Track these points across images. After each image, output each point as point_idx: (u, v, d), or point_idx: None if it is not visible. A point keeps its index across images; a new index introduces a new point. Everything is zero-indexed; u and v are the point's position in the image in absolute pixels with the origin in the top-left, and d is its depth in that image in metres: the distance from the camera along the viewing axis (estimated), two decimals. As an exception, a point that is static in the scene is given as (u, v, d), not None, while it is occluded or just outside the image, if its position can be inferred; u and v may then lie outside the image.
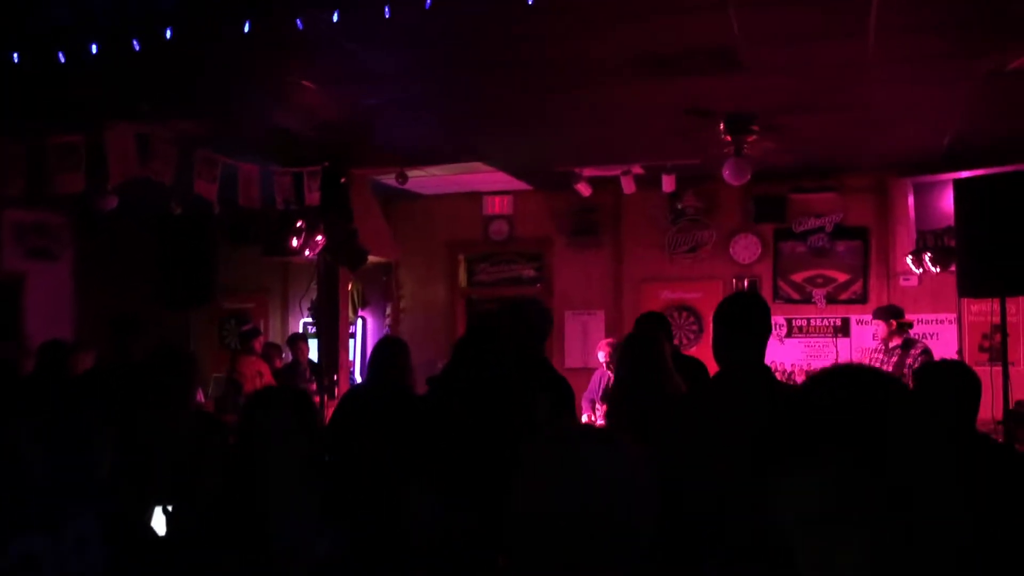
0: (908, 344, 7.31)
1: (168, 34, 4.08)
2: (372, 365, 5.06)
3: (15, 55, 4.54)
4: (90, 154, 5.86)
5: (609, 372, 7.81)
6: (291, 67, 5.33)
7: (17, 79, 4.98)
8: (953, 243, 6.82)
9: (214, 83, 5.69)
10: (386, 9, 3.88)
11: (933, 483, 1.18)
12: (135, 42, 4.13)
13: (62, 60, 4.56)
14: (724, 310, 3.21)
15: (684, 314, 9.56)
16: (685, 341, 9.28)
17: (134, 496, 3.27)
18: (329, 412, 8.30)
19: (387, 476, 4.13)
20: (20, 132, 5.79)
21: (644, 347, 4.57)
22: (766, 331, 3.15)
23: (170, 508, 3.77)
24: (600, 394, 7.88)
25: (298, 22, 3.97)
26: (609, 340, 8.08)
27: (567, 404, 4.62)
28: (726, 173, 7.13)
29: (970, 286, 5.73)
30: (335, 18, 3.94)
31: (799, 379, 9.17)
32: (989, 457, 2.86)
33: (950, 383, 3.07)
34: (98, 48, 4.31)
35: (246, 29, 3.96)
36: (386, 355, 5.09)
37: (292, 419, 2.53)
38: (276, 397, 2.77)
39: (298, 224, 7.54)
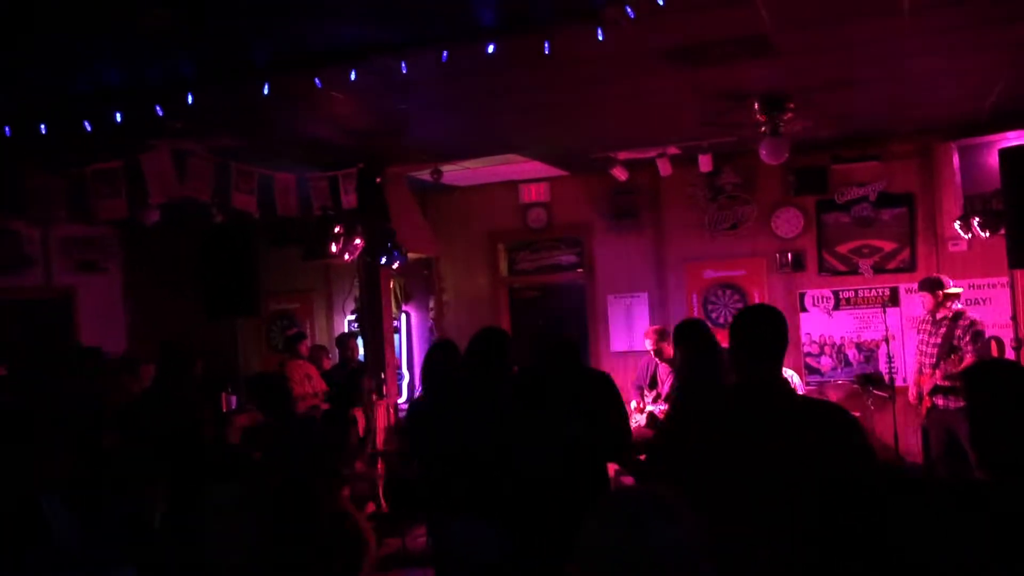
0: (957, 316, 7.18)
1: (189, 98, 4.12)
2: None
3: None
4: (129, 178, 5.93)
5: (656, 359, 7.78)
6: (325, 80, 5.34)
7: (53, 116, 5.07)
8: (1001, 206, 6.68)
9: (249, 101, 5.71)
10: (402, 65, 3.89)
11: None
12: (158, 108, 4.18)
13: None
14: (736, 325, 3.15)
15: (728, 292, 9.47)
16: (730, 319, 9.19)
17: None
18: (381, 412, 8.43)
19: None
20: (59, 163, 5.89)
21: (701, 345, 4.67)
22: (782, 344, 3.08)
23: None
24: (648, 380, 7.87)
25: (316, 81, 4.00)
26: (655, 328, 8.05)
27: (612, 402, 4.65)
28: (763, 153, 7.02)
29: (1020, 256, 5.63)
30: (352, 76, 3.97)
31: (849, 351, 9.06)
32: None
33: (1003, 387, 2.97)
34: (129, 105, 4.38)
35: (265, 91, 4.00)
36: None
37: None
38: None
39: (336, 229, 7.57)
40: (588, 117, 7.07)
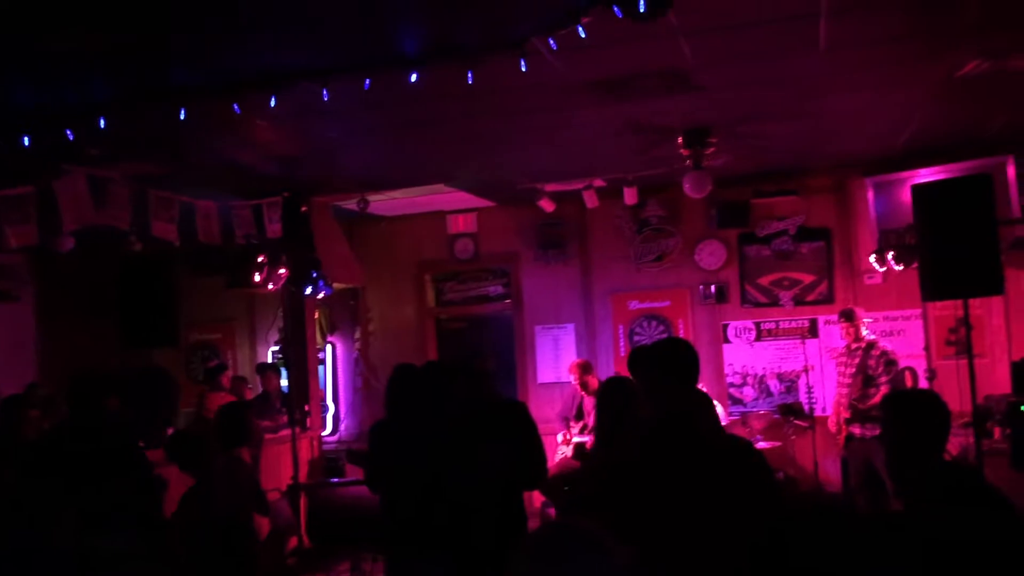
0: (869, 346, 7.37)
1: (102, 123, 4.01)
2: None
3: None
4: (41, 204, 5.73)
5: (582, 392, 7.80)
6: (245, 106, 5.25)
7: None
8: (914, 241, 6.89)
9: (166, 126, 5.59)
10: (324, 92, 3.85)
11: None
12: (68, 132, 4.06)
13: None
14: (653, 356, 3.14)
15: (654, 323, 9.56)
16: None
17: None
18: (304, 444, 8.25)
19: None
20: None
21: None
22: (696, 374, 3.06)
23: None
24: (574, 412, 7.88)
25: (235, 107, 3.93)
26: (578, 361, 8.10)
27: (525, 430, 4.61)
28: (687, 186, 7.14)
29: (933, 290, 5.78)
30: (272, 103, 3.92)
31: (771, 382, 9.21)
32: (960, 490, 2.85)
33: (919, 416, 3.04)
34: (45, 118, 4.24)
35: (182, 116, 3.92)
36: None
37: None
38: None
39: (260, 258, 7.45)
40: (514, 148, 7.11)
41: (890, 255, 8.32)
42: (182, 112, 4.09)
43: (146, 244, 7.70)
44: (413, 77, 4.07)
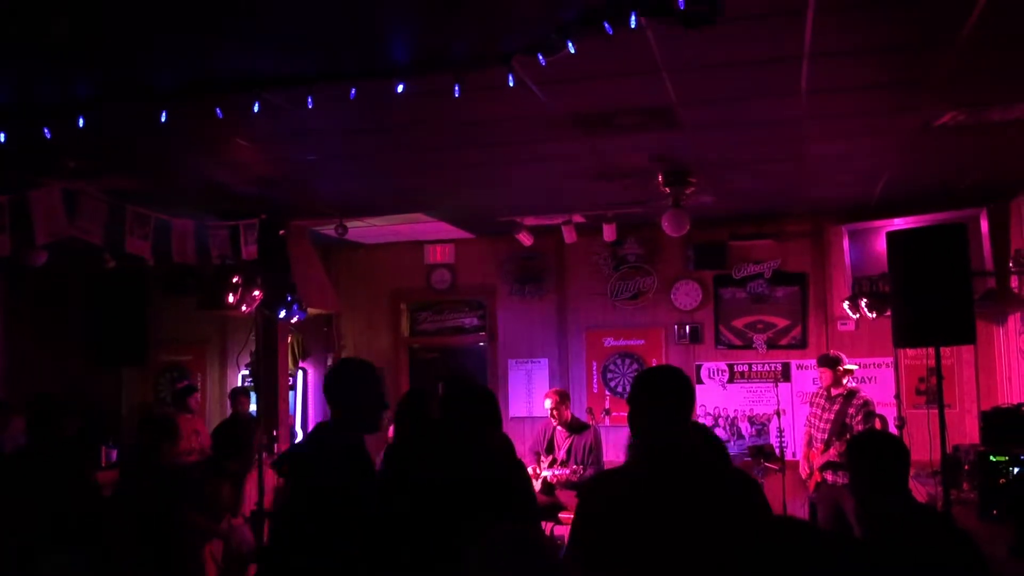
0: (851, 394, 7.38)
1: (81, 122, 3.98)
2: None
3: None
4: (15, 214, 5.66)
5: (555, 423, 7.75)
6: (225, 126, 5.23)
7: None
8: (888, 289, 6.95)
9: (144, 141, 5.56)
10: (309, 100, 3.84)
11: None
12: (46, 130, 4.02)
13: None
14: (644, 378, 3.01)
15: (627, 361, 9.56)
16: (628, 388, 9.26)
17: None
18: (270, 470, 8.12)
19: None
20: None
21: None
22: (691, 404, 2.96)
23: None
24: (544, 446, 7.82)
25: (217, 111, 3.91)
26: (557, 389, 8.04)
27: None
28: (665, 224, 7.17)
29: (904, 337, 5.81)
30: (256, 108, 3.89)
31: (742, 424, 9.22)
32: (924, 529, 2.86)
33: (880, 456, 3.13)
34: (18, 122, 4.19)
35: (163, 119, 3.89)
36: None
37: None
38: None
39: (234, 280, 7.37)
40: (494, 180, 7.12)
41: (863, 302, 8.38)
42: (163, 115, 4.03)
43: (119, 261, 7.61)
44: (399, 88, 4.04)
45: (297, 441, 9.47)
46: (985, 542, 3.27)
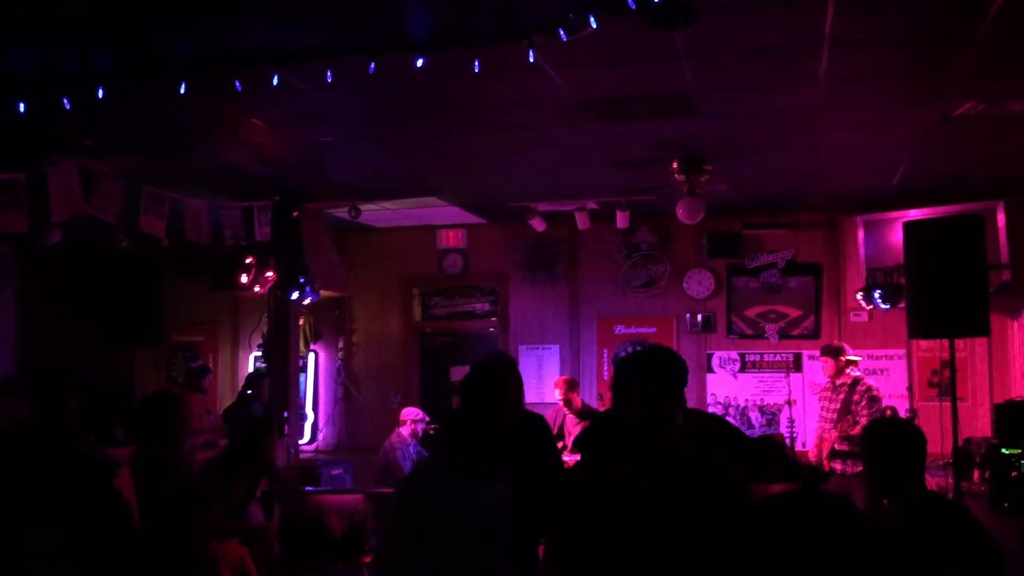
0: (855, 383, 7.35)
1: (100, 93, 3.98)
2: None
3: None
4: (31, 192, 5.69)
5: (565, 410, 7.77)
6: (240, 106, 5.24)
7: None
8: (902, 280, 6.92)
9: (160, 118, 5.57)
10: (328, 73, 3.83)
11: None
12: (66, 100, 4.02)
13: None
14: (620, 362, 2.84)
15: (638, 349, 9.53)
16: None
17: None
18: (280, 452, 8.15)
19: None
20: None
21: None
22: (679, 384, 2.74)
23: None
24: (555, 431, 7.83)
25: (236, 83, 3.91)
26: (566, 377, 8.05)
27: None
28: (679, 212, 7.14)
29: (919, 327, 5.80)
30: (275, 81, 3.89)
31: (752, 414, 9.21)
32: (939, 518, 2.85)
33: (897, 444, 3.09)
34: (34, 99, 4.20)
35: (182, 90, 3.89)
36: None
37: None
38: None
39: (247, 260, 7.40)
40: (509, 165, 7.11)
41: (877, 294, 8.35)
42: (182, 86, 4.02)
43: (133, 241, 7.64)
44: (419, 62, 4.01)
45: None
46: (995, 535, 3.27)
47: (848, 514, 1.54)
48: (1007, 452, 5.97)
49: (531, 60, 4.02)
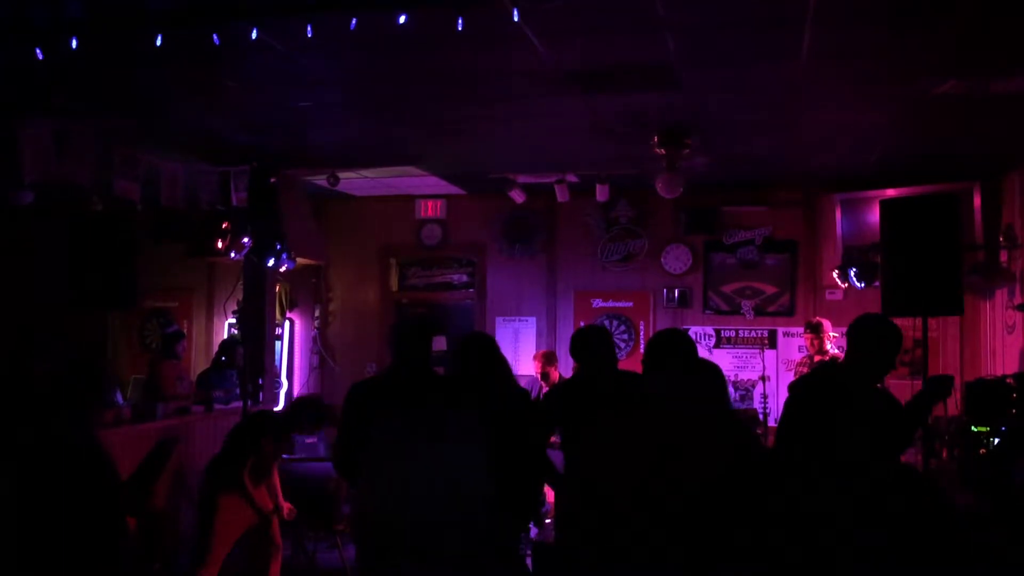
0: (833, 361, 7.42)
1: (74, 43, 3.89)
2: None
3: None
4: (3, 153, 5.58)
5: (542, 383, 7.78)
6: (216, 67, 5.16)
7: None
8: (878, 259, 6.97)
9: (135, 80, 5.47)
10: (308, 28, 3.76)
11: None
12: (38, 51, 3.93)
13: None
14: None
15: (615, 323, 9.57)
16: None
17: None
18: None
19: None
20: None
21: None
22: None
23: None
24: (531, 404, 7.84)
25: (215, 37, 3.83)
26: (543, 351, 8.06)
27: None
28: (659, 186, 7.14)
29: (894, 305, 5.84)
30: (254, 35, 3.81)
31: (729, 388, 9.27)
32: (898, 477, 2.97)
33: (874, 334, 3.94)
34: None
35: (158, 42, 3.80)
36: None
37: None
38: None
39: (224, 226, 7.32)
40: (489, 136, 7.06)
41: (853, 272, 8.40)
42: (158, 38, 3.92)
43: (107, 204, 7.53)
44: (401, 18, 3.92)
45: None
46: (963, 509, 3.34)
47: None
48: (976, 429, 6.03)
49: (515, 20, 3.97)
